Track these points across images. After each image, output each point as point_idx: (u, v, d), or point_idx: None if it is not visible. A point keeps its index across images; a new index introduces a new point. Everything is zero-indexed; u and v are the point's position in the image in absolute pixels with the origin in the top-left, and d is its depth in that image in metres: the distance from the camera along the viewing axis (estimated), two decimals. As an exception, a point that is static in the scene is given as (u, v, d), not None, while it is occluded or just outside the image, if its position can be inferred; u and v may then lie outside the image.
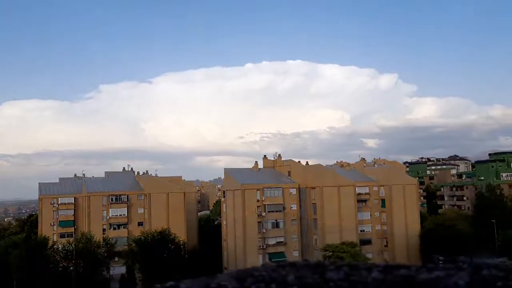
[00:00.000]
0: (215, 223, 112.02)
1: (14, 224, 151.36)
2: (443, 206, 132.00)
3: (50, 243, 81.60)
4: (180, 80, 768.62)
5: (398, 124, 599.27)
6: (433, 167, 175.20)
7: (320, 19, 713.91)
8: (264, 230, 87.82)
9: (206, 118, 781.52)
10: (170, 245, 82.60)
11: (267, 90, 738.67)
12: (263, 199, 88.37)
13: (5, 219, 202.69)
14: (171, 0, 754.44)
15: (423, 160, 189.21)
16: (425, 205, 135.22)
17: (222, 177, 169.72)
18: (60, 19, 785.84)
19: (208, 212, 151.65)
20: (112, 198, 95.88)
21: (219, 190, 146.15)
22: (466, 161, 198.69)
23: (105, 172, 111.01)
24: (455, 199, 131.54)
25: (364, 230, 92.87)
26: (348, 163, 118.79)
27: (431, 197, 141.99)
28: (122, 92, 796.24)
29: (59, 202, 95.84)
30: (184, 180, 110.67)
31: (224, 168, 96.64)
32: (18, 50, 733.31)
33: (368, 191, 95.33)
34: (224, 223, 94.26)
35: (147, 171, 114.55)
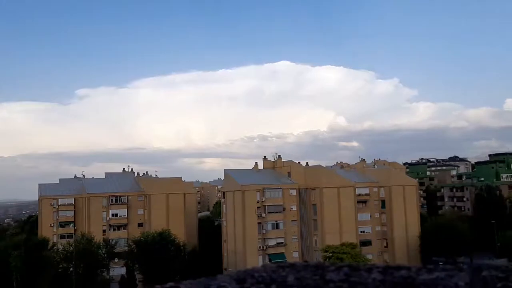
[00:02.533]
0: (215, 224, 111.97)
1: (14, 225, 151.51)
2: (443, 207, 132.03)
3: (50, 244, 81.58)
4: (163, 84, 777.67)
5: (376, 128, 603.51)
6: (433, 168, 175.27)
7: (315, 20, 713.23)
8: (264, 231, 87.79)
9: (189, 121, 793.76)
10: (170, 246, 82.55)
11: (253, 93, 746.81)
12: (263, 200, 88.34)
13: (5, 220, 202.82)
14: (153, 4, 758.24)
15: (423, 161, 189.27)
16: (425, 206, 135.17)
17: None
18: (45, 22, 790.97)
19: (208, 213, 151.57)
20: (112, 199, 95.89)
21: (219, 191, 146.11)
22: (466, 162, 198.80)
23: (105, 173, 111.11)
24: (455, 200, 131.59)
25: (364, 231, 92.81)
26: (348, 164, 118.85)
27: (431, 198, 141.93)
28: (108, 96, 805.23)
29: (59, 203, 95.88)
30: (184, 181, 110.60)
31: (224, 169, 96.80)
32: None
33: (368, 192, 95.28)
34: (224, 224, 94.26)
35: (147, 172, 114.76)
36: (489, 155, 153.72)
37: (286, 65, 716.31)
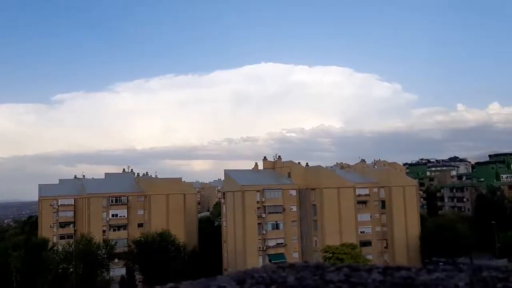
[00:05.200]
0: (215, 224, 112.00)
1: (14, 225, 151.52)
2: (443, 208, 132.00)
3: (50, 244, 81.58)
4: (144, 88, 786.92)
5: (344, 131, 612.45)
6: (433, 169, 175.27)
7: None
8: (264, 232, 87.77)
9: (171, 123, 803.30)
10: (170, 246, 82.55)
11: (237, 96, 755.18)
12: (263, 200, 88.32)
13: (5, 221, 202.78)
14: (135, 8, 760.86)
15: (423, 161, 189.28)
16: (425, 207, 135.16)
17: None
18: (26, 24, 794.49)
19: (208, 213, 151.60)
20: (112, 200, 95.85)
21: (219, 191, 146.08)
22: (466, 163, 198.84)
23: (105, 173, 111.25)
24: (455, 200, 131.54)
25: (364, 232, 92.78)
26: (348, 164, 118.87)
27: (431, 198, 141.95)
28: (93, 99, 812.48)
29: (59, 204, 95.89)
30: (184, 181, 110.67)
31: (224, 170, 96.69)
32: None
33: (368, 193, 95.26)
34: (224, 224, 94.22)
35: (147, 172, 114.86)
36: (489, 155, 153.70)
37: (270, 66, 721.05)
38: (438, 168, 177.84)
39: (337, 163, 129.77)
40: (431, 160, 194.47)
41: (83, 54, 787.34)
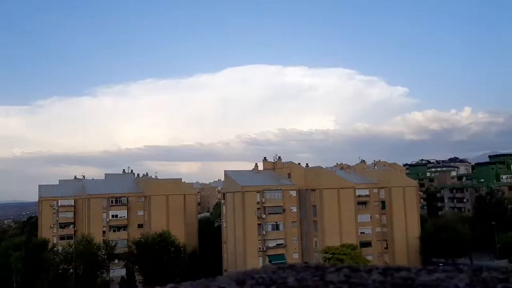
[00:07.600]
0: (215, 225, 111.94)
1: (14, 226, 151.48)
2: (443, 208, 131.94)
3: (50, 245, 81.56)
4: (127, 92, 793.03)
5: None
6: (433, 169, 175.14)
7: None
8: (264, 232, 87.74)
9: (150, 126, 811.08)
10: (170, 247, 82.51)
11: (221, 98, 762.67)
12: (263, 201, 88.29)
13: (5, 221, 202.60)
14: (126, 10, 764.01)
15: (423, 162, 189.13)
16: (425, 207, 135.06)
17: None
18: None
19: (208, 214, 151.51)
20: (112, 200, 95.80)
21: (219, 192, 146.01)
22: (466, 163, 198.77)
23: (105, 174, 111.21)
24: (455, 201, 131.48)
25: (364, 232, 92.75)
26: (348, 165, 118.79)
27: (431, 199, 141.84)
28: (83, 102, 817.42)
29: (59, 204, 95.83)
30: (184, 182, 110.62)
31: (224, 170, 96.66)
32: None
33: (368, 193, 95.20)
34: (224, 225, 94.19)
35: (147, 173, 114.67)
36: (489, 156, 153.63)
37: (260, 68, 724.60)
38: (438, 169, 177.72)
39: (337, 163, 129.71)
40: (431, 161, 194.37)
41: (65, 59, 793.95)
